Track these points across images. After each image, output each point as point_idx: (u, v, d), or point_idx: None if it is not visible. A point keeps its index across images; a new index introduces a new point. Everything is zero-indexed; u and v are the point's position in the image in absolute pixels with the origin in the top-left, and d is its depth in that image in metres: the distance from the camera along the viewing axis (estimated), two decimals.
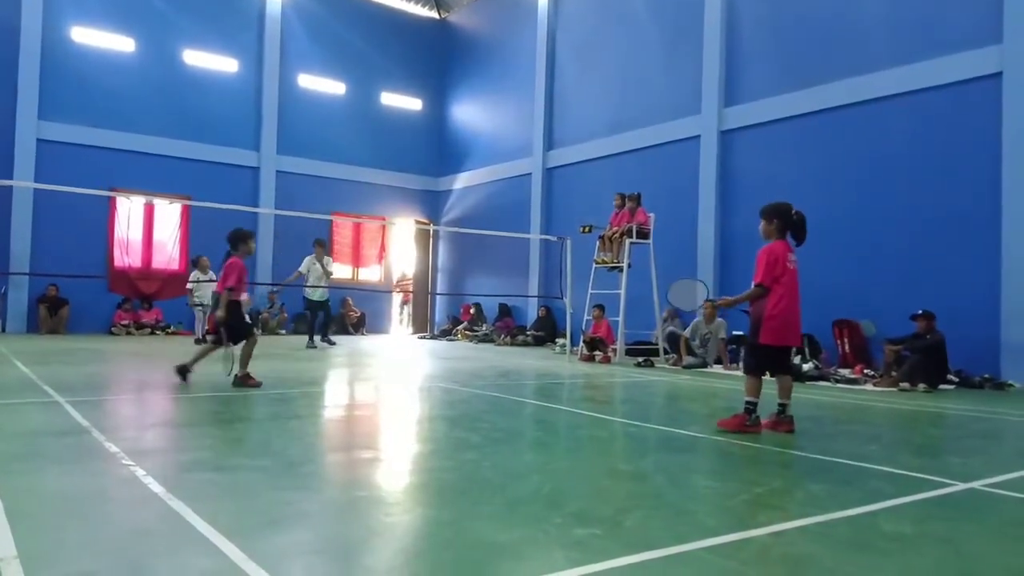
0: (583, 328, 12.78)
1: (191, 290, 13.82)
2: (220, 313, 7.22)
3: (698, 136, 13.83)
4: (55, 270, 14.40)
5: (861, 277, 11.12)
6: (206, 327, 13.96)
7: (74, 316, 15.62)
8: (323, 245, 14.05)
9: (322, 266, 13.63)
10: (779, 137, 12.55)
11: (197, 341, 13.25)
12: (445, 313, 21.06)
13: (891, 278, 10.75)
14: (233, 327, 7.22)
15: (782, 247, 5.29)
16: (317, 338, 13.70)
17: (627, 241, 12.07)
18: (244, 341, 7.24)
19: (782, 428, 5.22)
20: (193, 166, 17.33)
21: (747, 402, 5.21)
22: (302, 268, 13.61)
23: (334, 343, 14.03)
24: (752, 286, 5.32)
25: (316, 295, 13.66)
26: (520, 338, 16.50)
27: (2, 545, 2.45)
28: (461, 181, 20.69)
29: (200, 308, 13.60)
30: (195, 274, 13.94)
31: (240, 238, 7.50)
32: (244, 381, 7.03)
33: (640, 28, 15.37)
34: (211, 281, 13.51)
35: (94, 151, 16.17)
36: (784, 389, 5.34)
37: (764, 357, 5.31)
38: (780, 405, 5.32)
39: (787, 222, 5.33)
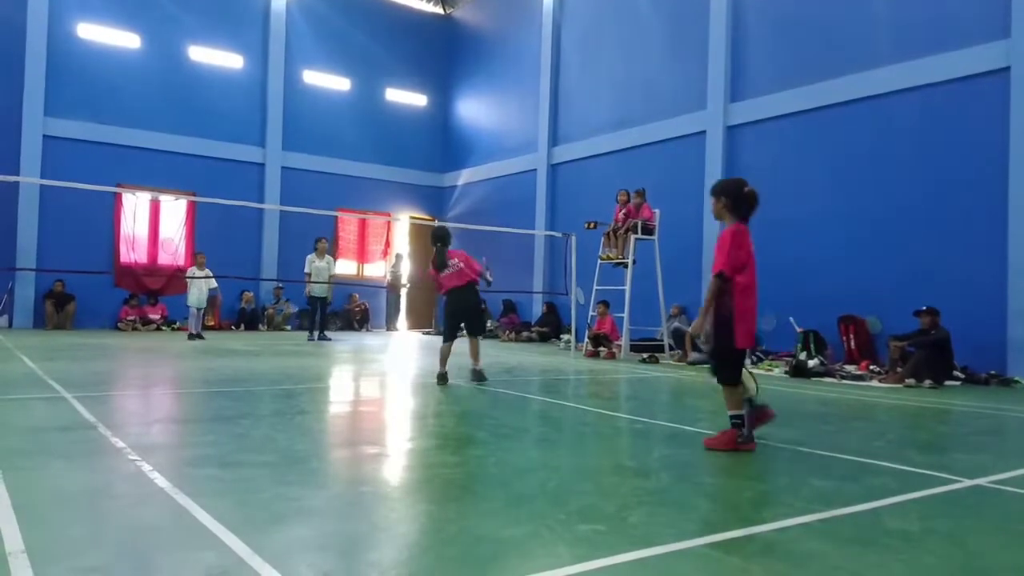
0: (588, 324, 12.78)
1: (189, 284, 13.87)
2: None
3: (704, 132, 13.78)
4: (61, 266, 14.43)
5: (867, 273, 11.07)
6: (203, 323, 14.11)
7: (80, 312, 15.68)
8: (324, 242, 14.78)
9: (325, 262, 14.46)
10: (785, 133, 12.49)
11: (191, 337, 13.35)
12: None
13: (897, 274, 10.70)
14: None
15: (746, 228, 4.61)
16: (316, 332, 14.26)
17: (632, 237, 12.05)
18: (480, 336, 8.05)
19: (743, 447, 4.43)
20: (199, 162, 17.35)
21: (733, 417, 4.50)
22: (307, 268, 14.32)
23: (329, 339, 14.14)
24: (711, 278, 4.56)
25: (316, 290, 14.26)
26: (524, 334, 16.51)
27: (10, 539, 2.46)
28: (466, 177, 20.66)
29: (196, 308, 13.66)
30: (192, 270, 14.05)
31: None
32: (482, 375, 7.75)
33: (645, 24, 15.32)
34: (207, 277, 13.69)
35: (100, 147, 16.19)
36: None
37: (738, 362, 4.55)
38: (735, 419, 4.51)
39: (737, 199, 4.68)
